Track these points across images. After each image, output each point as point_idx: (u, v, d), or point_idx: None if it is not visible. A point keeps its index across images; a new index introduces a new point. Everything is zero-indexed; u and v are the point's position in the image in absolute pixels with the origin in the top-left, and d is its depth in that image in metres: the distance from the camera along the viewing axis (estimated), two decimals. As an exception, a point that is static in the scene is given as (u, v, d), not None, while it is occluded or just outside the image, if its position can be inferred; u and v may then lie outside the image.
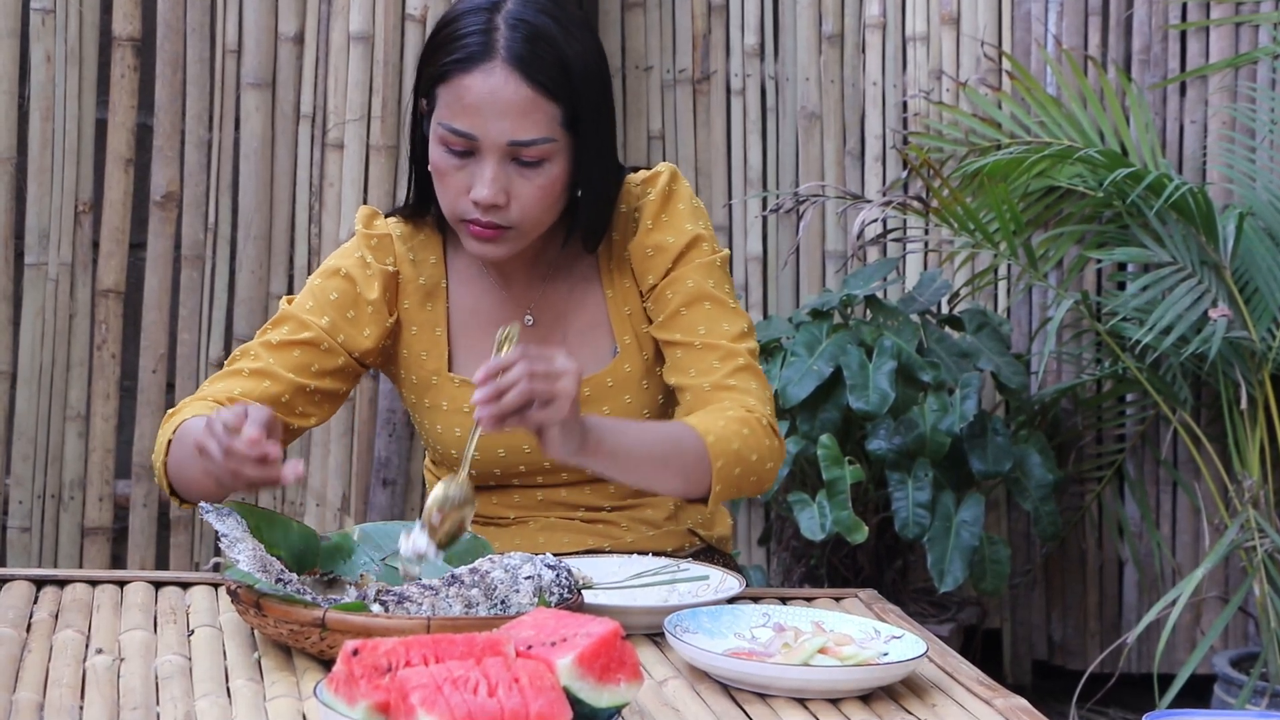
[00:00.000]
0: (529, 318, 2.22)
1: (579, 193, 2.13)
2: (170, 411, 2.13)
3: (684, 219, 2.20)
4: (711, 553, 2.32)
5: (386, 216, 2.25)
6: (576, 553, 2.18)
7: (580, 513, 2.23)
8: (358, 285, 2.19)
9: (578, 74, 2.06)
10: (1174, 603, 3.42)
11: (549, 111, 2.05)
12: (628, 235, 2.21)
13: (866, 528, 3.54)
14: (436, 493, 1.90)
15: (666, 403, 2.24)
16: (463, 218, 2.10)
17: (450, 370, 2.21)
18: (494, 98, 2.04)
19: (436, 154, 2.09)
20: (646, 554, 2.13)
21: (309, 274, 3.87)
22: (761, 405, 2.15)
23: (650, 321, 2.21)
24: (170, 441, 2.06)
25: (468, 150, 2.07)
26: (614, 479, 2.09)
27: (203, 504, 1.86)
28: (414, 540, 1.88)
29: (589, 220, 2.16)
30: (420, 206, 2.21)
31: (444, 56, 2.07)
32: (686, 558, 2.20)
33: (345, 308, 2.18)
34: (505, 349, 1.92)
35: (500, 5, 2.07)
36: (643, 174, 2.23)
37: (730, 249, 4.17)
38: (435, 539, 1.88)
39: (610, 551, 2.18)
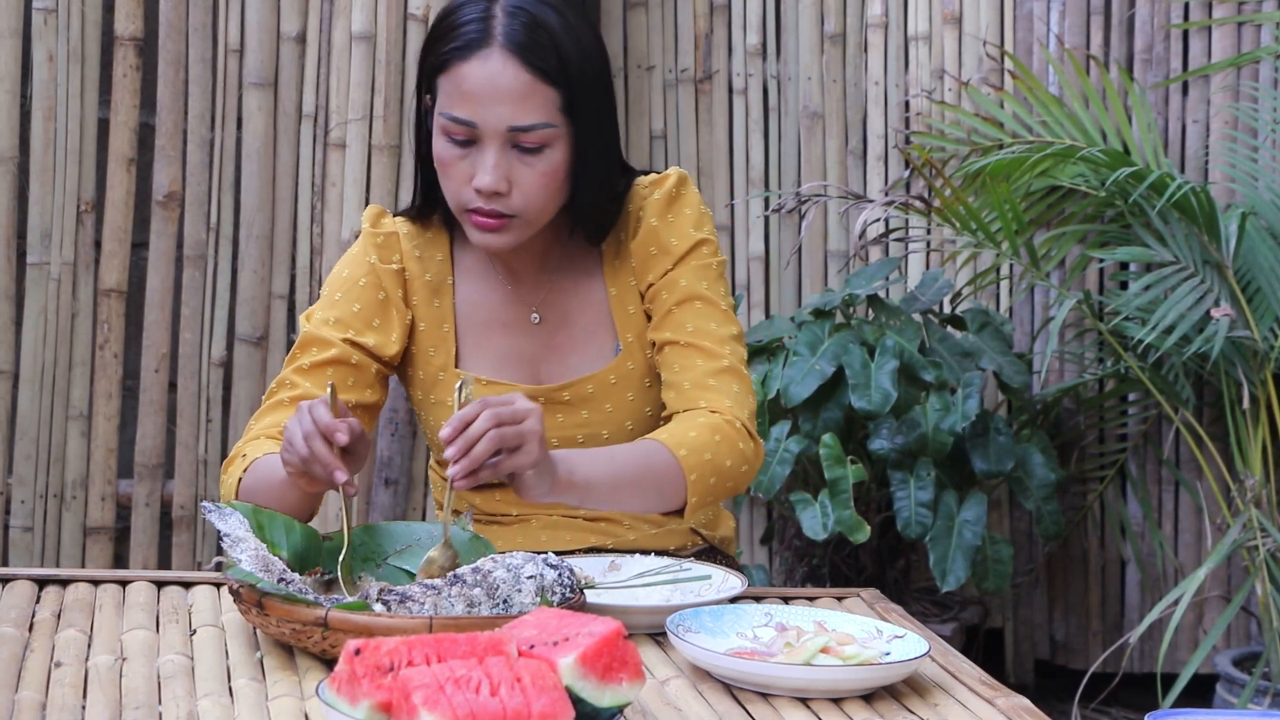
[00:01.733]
0: (535, 315, 2.23)
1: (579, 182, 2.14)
2: (229, 457, 2.13)
3: (688, 223, 2.21)
4: (714, 553, 2.32)
5: (395, 216, 2.26)
6: (578, 551, 2.19)
7: (583, 511, 2.23)
8: (378, 293, 2.20)
9: (574, 60, 2.08)
10: (1176, 602, 3.42)
11: (547, 96, 2.07)
12: (632, 234, 2.22)
13: (869, 527, 3.54)
14: (430, 555, 1.90)
15: None
16: (466, 207, 2.11)
17: (457, 366, 2.22)
18: (492, 84, 2.06)
19: (439, 145, 2.11)
20: (649, 553, 2.14)
21: (311, 274, 3.90)
22: (737, 408, 2.15)
23: (649, 320, 2.21)
24: (241, 480, 2.07)
25: (469, 139, 2.08)
26: (590, 508, 2.09)
27: (204, 503, 1.87)
28: None
29: (590, 210, 2.16)
30: (426, 206, 2.22)
31: (443, 46, 2.09)
32: (689, 557, 2.21)
33: (370, 318, 2.19)
34: (463, 402, 1.90)
35: None
36: (652, 176, 2.24)
37: (732, 249, 4.18)
38: None
39: (613, 550, 2.18)
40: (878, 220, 3.96)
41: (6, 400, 3.77)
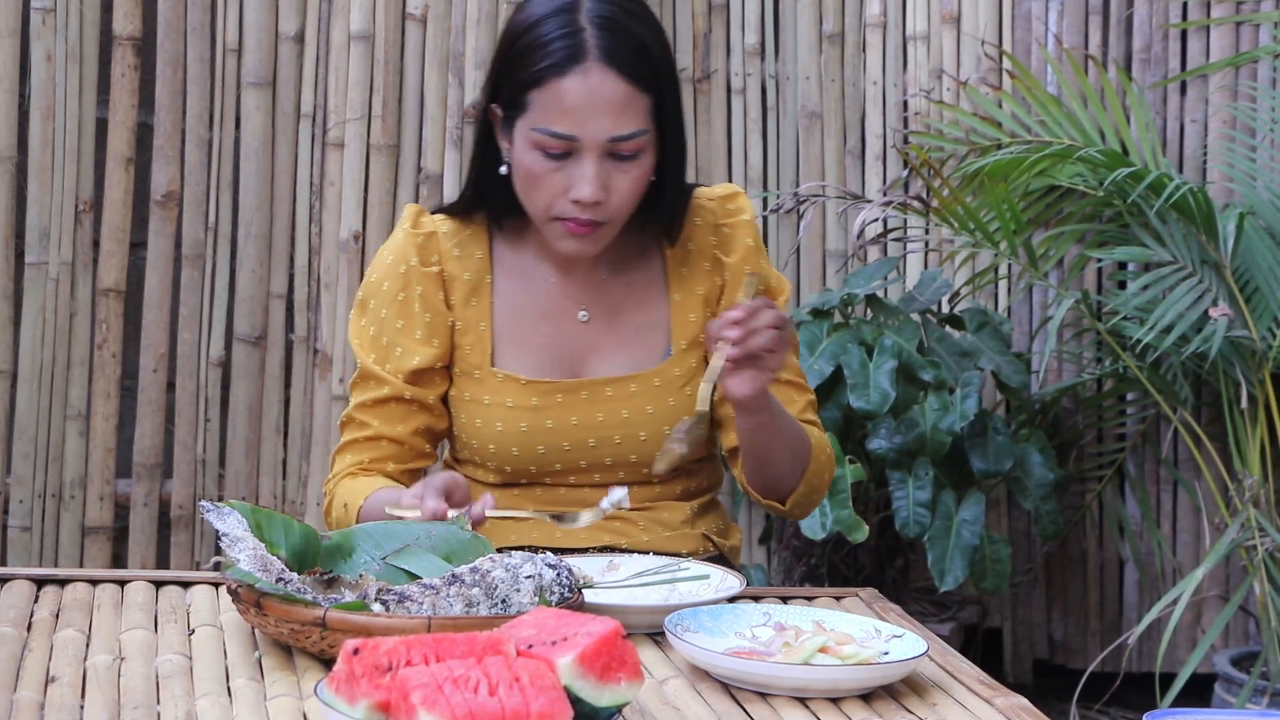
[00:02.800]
0: (584, 313, 2.23)
1: (655, 182, 2.17)
2: (327, 503, 2.23)
3: (759, 249, 2.29)
4: (721, 561, 2.32)
5: (434, 214, 2.27)
6: (591, 549, 2.19)
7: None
8: (414, 304, 2.22)
9: (660, 61, 2.13)
10: (1175, 602, 3.42)
11: (643, 104, 2.11)
12: (707, 246, 2.25)
13: (867, 527, 3.54)
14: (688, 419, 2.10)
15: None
16: (557, 216, 2.13)
17: (493, 365, 2.22)
18: (593, 97, 2.08)
19: (531, 158, 2.12)
20: (649, 554, 2.14)
21: (309, 273, 3.90)
22: (828, 443, 2.31)
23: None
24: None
25: (566, 151, 2.10)
26: (754, 434, 2.16)
27: (203, 503, 1.87)
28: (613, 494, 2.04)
29: (673, 208, 2.21)
30: (472, 205, 2.24)
31: (535, 63, 2.10)
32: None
33: (412, 330, 2.22)
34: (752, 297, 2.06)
35: (578, 5, 2.11)
36: (716, 188, 2.30)
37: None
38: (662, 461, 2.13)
39: (624, 549, 2.18)
40: (876, 220, 3.96)
41: (5, 400, 3.77)
